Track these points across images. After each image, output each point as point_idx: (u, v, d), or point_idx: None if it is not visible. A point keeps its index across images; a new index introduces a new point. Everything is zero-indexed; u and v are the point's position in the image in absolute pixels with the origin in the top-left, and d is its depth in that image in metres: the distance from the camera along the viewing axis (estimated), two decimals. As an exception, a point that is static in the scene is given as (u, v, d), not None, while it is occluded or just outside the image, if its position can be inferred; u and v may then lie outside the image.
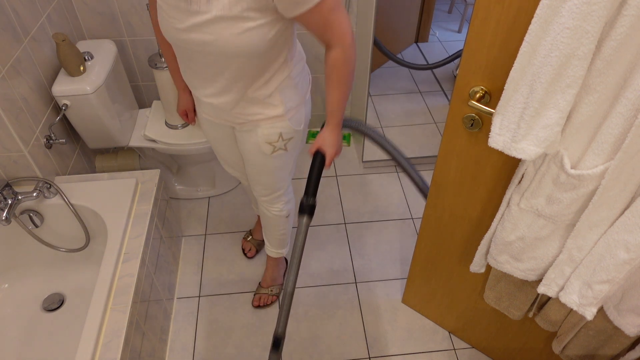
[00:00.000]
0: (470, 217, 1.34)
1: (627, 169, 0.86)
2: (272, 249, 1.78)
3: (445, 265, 1.54)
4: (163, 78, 1.83)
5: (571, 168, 0.95)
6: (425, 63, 3.02)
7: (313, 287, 1.89)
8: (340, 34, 1.09)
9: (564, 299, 1.08)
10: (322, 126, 1.30)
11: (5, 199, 1.48)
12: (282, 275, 1.89)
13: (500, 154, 1.15)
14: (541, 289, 1.13)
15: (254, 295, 1.84)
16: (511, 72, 0.89)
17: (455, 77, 2.33)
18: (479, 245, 1.30)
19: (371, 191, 2.28)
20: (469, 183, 1.27)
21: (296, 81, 1.26)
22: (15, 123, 1.47)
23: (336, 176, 2.35)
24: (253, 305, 1.82)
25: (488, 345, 1.65)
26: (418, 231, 2.09)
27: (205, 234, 2.10)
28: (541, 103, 0.87)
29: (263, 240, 2.00)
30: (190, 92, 1.44)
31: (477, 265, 1.31)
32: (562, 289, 1.10)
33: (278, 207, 1.58)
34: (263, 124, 1.28)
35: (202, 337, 1.73)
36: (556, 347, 1.29)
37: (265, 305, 1.82)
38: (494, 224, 1.19)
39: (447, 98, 2.78)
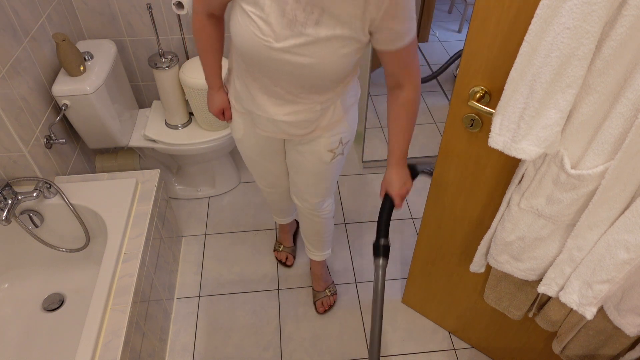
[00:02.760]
0: (470, 217, 1.34)
1: (627, 169, 0.86)
2: (319, 253, 1.76)
3: (445, 266, 1.54)
4: (163, 78, 1.83)
5: (571, 168, 0.95)
6: (427, 68, 3.02)
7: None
8: (416, 74, 1.10)
9: (564, 298, 1.08)
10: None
11: (5, 199, 1.48)
12: (329, 274, 1.90)
13: (500, 154, 1.15)
14: (541, 289, 1.14)
15: (315, 302, 1.82)
16: (511, 72, 0.89)
17: (455, 77, 2.33)
18: (479, 245, 1.29)
19: (371, 191, 2.28)
20: (469, 183, 1.27)
21: (353, 82, 1.25)
22: (15, 123, 1.47)
23: (336, 176, 2.35)
24: (319, 312, 1.80)
25: (488, 345, 1.65)
26: (418, 231, 2.09)
27: (205, 234, 2.10)
28: (541, 103, 0.87)
29: (294, 247, 2.00)
30: (225, 91, 1.35)
31: (477, 265, 1.31)
32: (562, 288, 1.10)
33: (327, 210, 1.58)
34: (326, 133, 1.27)
35: (202, 337, 1.73)
36: (556, 347, 1.29)
37: (330, 307, 1.82)
38: (494, 224, 1.19)
39: (447, 98, 2.78)
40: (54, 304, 1.67)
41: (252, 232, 2.10)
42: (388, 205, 1.26)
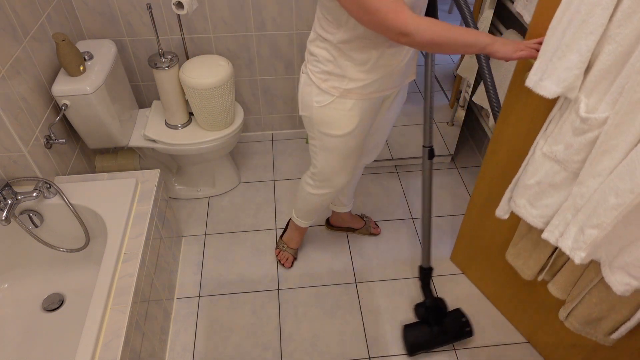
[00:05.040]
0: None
1: (627, 118, 0.91)
2: (352, 201, 1.97)
3: (490, 226, 1.64)
4: (163, 78, 1.83)
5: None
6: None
7: (313, 287, 1.89)
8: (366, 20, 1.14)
9: (561, 243, 1.14)
10: None
11: (5, 199, 1.48)
12: None
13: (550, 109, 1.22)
14: (545, 235, 1.19)
15: (371, 232, 2.08)
16: (552, 20, 1.00)
17: (455, 77, 2.33)
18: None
19: (371, 191, 2.28)
20: (521, 142, 1.34)
21: None
22: (15, 123, 1.47)
23: (336, 176, 2.35)
24: (377, 234, 2.09)
25: (513, 316, 1.75)
26: (418, 231, 2.09)
27: (205, 234, 2.09)
28: (568, 47, 0.97)
29: (297, 249, 1.99)
30: None
31: (502, 210, 1.37)
32: (562, 235, 1.15)
33: None
34: None
35: (202, 337, 1.73)
36: (562, 314, 1.34)
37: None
38: (520, 169, 1.26)
39: (447, 98, 2.77)
40: (54, 304, 1.67)
41: (252, 232, 2.10)
42: None
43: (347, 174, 1.56)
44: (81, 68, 1.67)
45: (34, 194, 1.53)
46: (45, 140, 1.62)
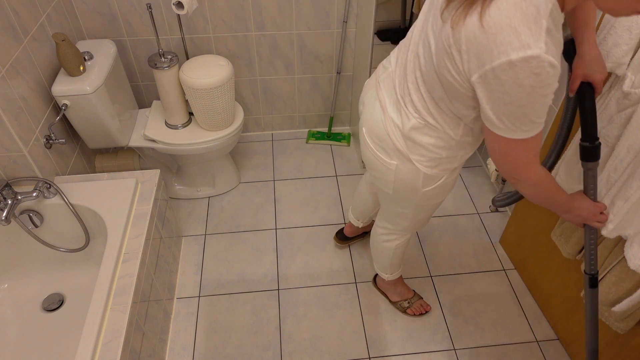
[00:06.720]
0: None
1: None
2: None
3: (540, 213, 1.71)
4: (163, 78, 1.83)
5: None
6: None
7: (313, 287, 1.89)
8: (501, 168, 1.07)
9: None
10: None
11: (5, 199, 1.48)
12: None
13: None
14: None
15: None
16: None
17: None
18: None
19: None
20: None
21: None
22: (15, 123, 1.47)
23: (336, 176, 2.35)
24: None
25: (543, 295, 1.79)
26: (419, 232, 2.09)
27: (205, 234, 2.09)
28: (619, 23, 1.02)
29: (414, 292, 1.87)
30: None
31: None
32: None
33: None
34: None
35: (202, 337, 1.73)
36: (583, 292, 1.38)
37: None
38: (569, 146, 1.29)
39: (447, 98, 2.77)
40: (54, 304, 1.67)
41: (252, 232, 2.10)
42: (590, 98, 1.04)
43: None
44: (81, 68, 1.67)
45: (34, 194, 1.53)
46: (45, 140, 1.62)
